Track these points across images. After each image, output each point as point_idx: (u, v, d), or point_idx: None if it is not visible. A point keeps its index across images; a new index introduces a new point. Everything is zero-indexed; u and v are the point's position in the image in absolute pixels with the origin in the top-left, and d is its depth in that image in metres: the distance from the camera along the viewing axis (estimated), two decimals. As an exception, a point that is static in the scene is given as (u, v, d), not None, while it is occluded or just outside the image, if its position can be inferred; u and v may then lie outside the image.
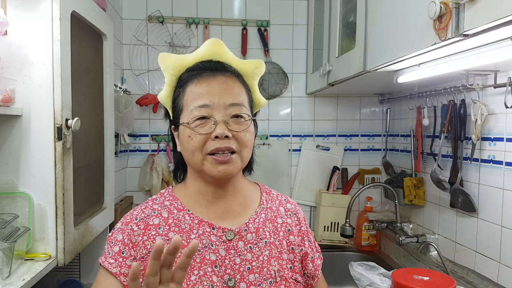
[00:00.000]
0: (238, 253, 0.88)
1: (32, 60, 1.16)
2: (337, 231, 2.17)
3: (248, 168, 0.99)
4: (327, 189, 2.26)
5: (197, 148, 0.85)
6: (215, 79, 0.87)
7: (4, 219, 1.10)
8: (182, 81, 0.90)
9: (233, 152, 0.85)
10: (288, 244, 0.94)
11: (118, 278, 0.85)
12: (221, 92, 0.86)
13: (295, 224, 0.97)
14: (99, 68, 1.58)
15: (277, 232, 0.93)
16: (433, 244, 1.70)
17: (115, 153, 1.92)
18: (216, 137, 0.83)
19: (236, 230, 0.89)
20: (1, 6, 1.13)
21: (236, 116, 0.86)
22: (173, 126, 0.93)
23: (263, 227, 0.92)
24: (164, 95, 0.93)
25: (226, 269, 0.86)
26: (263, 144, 2.27)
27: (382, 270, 1.37)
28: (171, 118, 0.93)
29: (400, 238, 1.77)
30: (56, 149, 1.17)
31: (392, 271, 1.32)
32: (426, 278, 1.21)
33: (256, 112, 0.98)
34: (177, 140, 0.92)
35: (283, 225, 0.95)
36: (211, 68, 0.89)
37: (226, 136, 0.83)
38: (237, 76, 0.91)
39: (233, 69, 0.92)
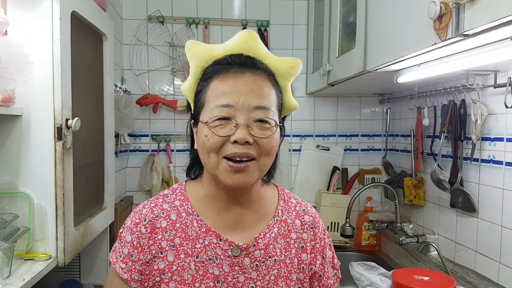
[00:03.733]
0: (243, 271, 0.82)
1: (32, 60, 1.16)
2: (337, 231, 2.17)
3: (268, 175, 0.91)
4: (327, 189, 2.26)
5: (213, 150, 0.78)
6: (243, 77, 0.79)
7: (4, 219, 1.10)
8: (207, 75, 0.81)
9: (252, 159, 0.78)
10: (300, 262, 0.87)
11: (129, 284, 0.83)
12: (248, 92, 0.77)
13: (310, 240, 0.89)
14: (99, 68, 1.58)
15: (289, 249, 0.87)
16: (433, 244, 1.70)
17: (115, 153, 1.92)
18: (235, 141, 0.76)
19: (243, 246, 0.83)
20: (1, 6, 1.13)
21: (261, 120, 0.78)
22: (192, 121, 0.86)
23: (274, 243, 0.86)
24: (187, 87, 0.85)
25: (228, 286, 0.81)
26: (263, 144, 2.27)
27: (382, 270, 1.38)
28: (192, 112, 0.86)
29: (400, 238, 1.77)
30: (56, 149, 1.17)
31: (392, 271, 1.32)
32: (426, 278, 1.21)
33: (285, 116, 0.90)
34: (195, 137, 0.85)
35: (296, 241, 0.88)
36: (240, 63, 0.80)
37: (247, 142, 0.76)
38: (269, 74, 0.83)
39: (265, 66, 0.83)
